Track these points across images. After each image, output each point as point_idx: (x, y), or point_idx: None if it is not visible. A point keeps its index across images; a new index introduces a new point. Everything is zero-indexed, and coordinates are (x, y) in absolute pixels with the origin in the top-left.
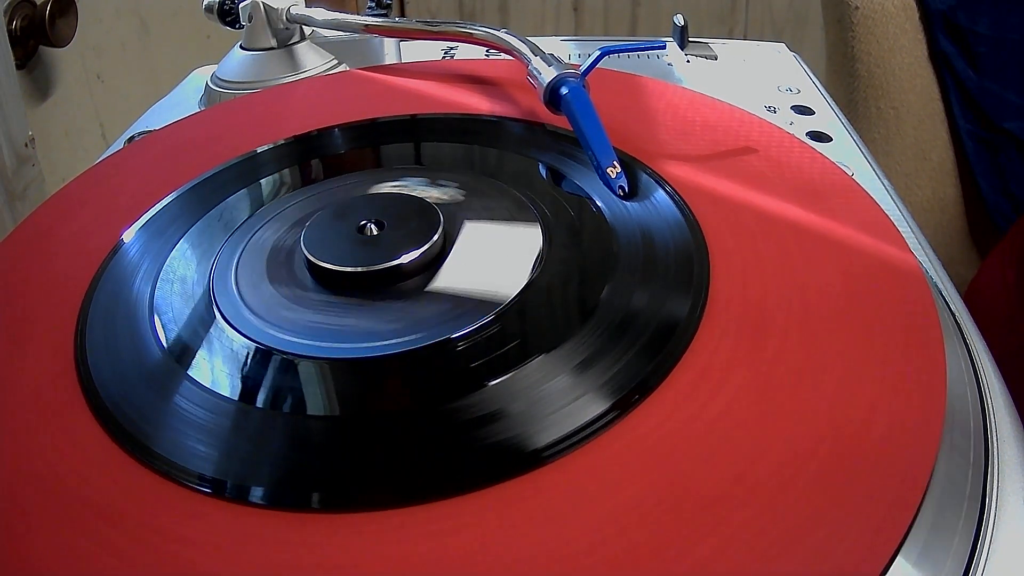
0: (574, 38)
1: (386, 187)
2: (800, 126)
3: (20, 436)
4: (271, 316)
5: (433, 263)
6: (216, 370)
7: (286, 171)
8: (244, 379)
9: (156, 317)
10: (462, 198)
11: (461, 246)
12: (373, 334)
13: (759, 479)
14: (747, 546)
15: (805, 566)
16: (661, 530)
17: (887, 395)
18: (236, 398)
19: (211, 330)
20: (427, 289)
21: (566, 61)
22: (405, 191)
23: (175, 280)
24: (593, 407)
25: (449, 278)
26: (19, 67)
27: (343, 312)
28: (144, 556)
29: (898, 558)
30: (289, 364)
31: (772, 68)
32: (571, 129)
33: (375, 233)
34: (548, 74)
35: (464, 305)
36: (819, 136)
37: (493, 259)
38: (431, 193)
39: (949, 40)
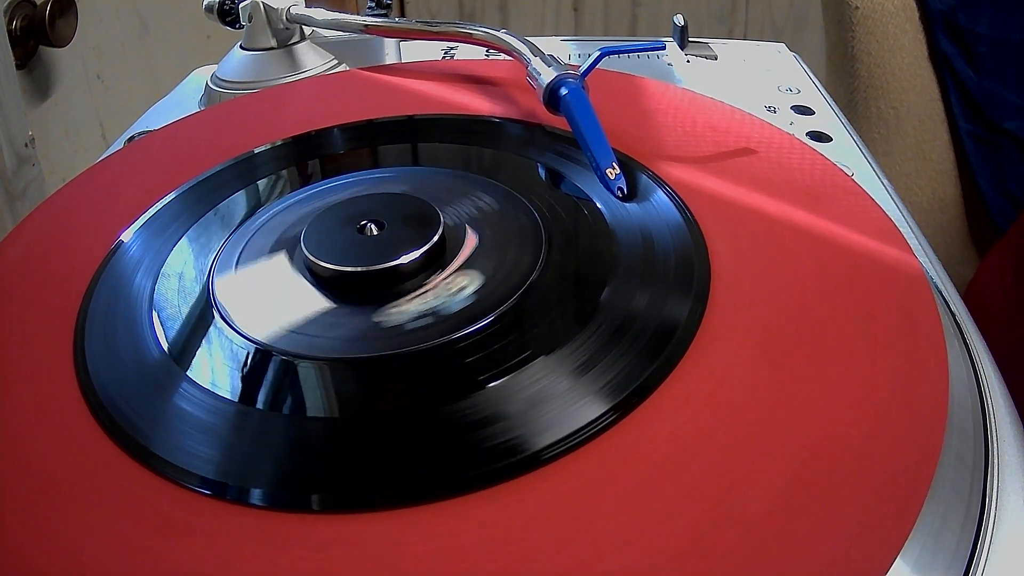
0: (574, 38)
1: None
2: (800, 126)
3: (19, 436)
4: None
5: (433, 263)
6: (215, 371)
7: (285, 171)
8: (243, 380)
9: (155, 317)
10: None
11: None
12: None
13: (759, 480)
14: (747, 548)
15: (807, 567)
16: (661, 532)
17: (888, 396)
18: (236, 399)
19: (210, 330)
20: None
21: (566, 61)
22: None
23: (174, 280)
24: (593, 409)
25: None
26: (19, 67)
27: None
28: (143, 557)
29: (899, 559)
30: (288, 365)
31: (772, 68)
32: (571, 130)
33: (375, 233)
34: (547, 75)
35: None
36: (819, 136)
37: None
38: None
39: (949, 40)
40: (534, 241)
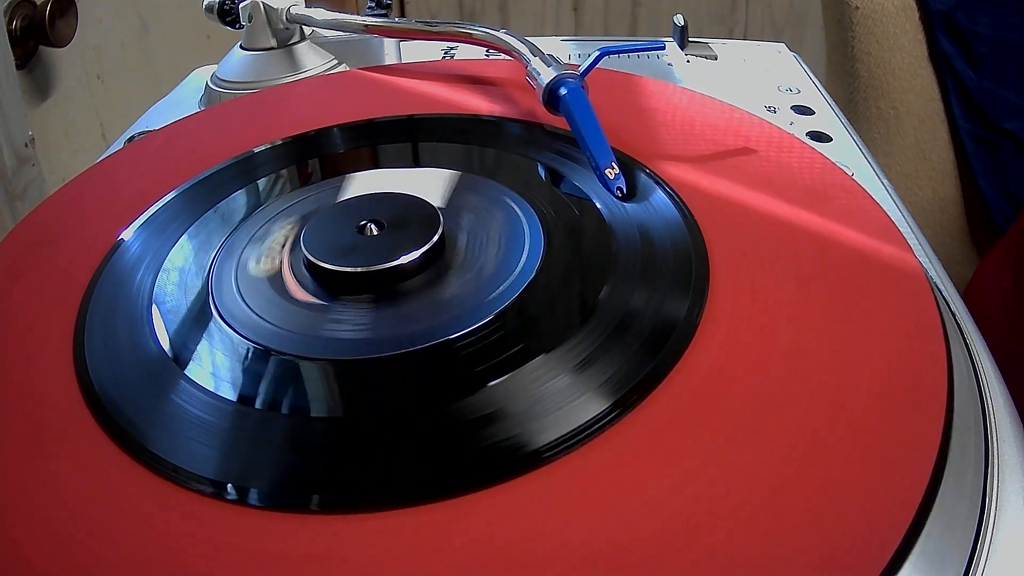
0: (574, 38)
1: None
2: (800, 126)
3: (19, 436)
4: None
5: (433, 263)
6: (215, 371)
7: (285, 171)
8: (243, 380)
9: (155, 317)
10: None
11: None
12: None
13: (759, 478)
14: (747, 546)
15: (805, 566)
16: (661, 530)
17: (887, 395)
18: (235, 399)
19: (210, 330)
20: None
21: (566, 61)
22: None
23: (174, 280)
24: (593, 407)
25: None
26: (19, 67)
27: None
28: (142, 557)
29: (898, 558)
30: (289, 365)
31: (772, 68)
32: (570, 129)
33: (375, 233)
34: (547, 75)
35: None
36: (819, 136)
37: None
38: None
39: (949, 40)
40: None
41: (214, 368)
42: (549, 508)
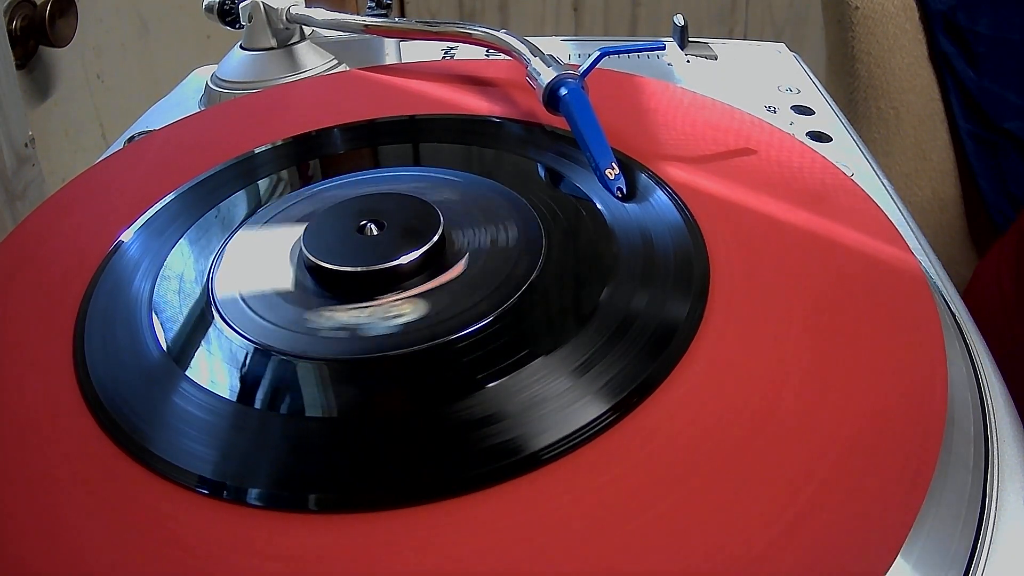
0: (574, 38)
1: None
2: (800, 126)
3: (19, 436)
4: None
5: (433, 263)
6: (215, 371)
7: (285, 171)
8: (243, 380)
9: (155, 317)
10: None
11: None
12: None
13: (759, 480)
14: (747, 548)
15: (806, 568)
16: (660, 532)
17: (888, 396)
18: (234, 399)
19: (210, 330)
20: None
21: (566, 61)
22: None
23: (174, 280)
24: (592, 409)
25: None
26: (19, 67)
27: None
28: (142, 558)
29: (899, 558)
30: (288, 365)
31: (772, 68)
32: (570, 130)
33: (375, 233)
34: (547, 75)
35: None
36: (819, 136)
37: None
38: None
39: (949, 40)
40: (534, 241)
41: (213, 368)
42: (548, 510)
